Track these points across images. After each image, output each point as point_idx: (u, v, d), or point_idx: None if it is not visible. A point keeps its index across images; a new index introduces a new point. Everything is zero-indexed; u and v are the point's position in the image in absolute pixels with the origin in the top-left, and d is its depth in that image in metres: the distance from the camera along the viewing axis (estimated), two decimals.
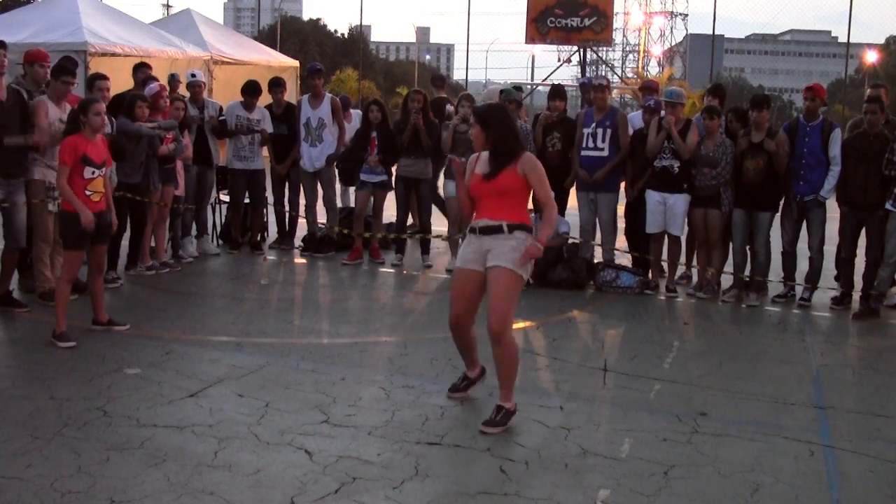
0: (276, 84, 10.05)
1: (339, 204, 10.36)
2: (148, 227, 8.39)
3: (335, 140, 9.72)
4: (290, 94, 10.73)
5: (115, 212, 6.67)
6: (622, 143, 8.61)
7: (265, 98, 9.80)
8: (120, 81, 9.48)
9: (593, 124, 8.65)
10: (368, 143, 9.31)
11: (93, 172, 6.13)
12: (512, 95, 9.08)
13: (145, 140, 7.95)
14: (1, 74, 6.74)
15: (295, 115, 9.79)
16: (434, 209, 9.78)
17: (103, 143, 6.34)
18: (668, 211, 8.26)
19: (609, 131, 8.60)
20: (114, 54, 12.64)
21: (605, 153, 8.61)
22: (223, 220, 10.40)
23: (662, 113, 8.44)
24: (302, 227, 10.19)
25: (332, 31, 72.61)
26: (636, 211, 8.71)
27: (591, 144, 8.65)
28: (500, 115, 4.96)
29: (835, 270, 8.34)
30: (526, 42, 39.48)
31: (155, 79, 8.84)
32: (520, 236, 4.74)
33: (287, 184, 9.97)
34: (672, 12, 66.53)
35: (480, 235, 4.86)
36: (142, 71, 8.97)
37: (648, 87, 10.52)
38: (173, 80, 9.42)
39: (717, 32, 31.41)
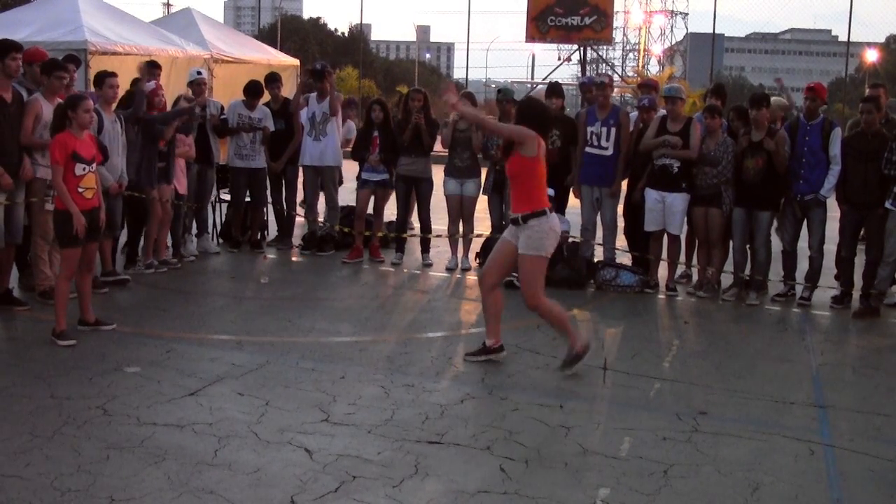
0: (273, 80, 10.06)
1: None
2: (153, 226, 8.38)
3: (339, 134, 9.73)
4: (290, 93, 10.71)
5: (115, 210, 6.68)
6: (622, 142, 8.62)
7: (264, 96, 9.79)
8: (120, 79, 9.44)
9: (597, 123, 8.64)
10: (370, 142, 9.33)
11: (83, 169, 6.13)
12: (510, 94, 9.16)
13: (138, 132, 8.05)
14: (12, 78, 6.74)
15: (291, 111, 9.78)
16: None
17: (91, 140, 6.34)
18: (667, 210, 8.25)
19: (613, 130, 8.59)
20: (114, 53, 12.59)
21: (610, 152, 8.60)
22: (223, 219, 10.40)
23: (662, 111, 8.45)
24: (301, 226, 10.18)
25: (333, 29, 72.62)
26: (636, 210, 8.70)
27: (594, 143, 8.65)
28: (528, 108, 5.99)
29: (835, 269, 8.34)
30: (526, 41, 39.48)
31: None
32: (532, 224, 5.67)
33: (284, 182, 9.97)
34: (672, 11, 66.30)
35: (512, 225, 5.85)
36: (149, 72, 8.97)
37: (647, 86, 10.32)
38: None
39: (717, 31, 31.37)
